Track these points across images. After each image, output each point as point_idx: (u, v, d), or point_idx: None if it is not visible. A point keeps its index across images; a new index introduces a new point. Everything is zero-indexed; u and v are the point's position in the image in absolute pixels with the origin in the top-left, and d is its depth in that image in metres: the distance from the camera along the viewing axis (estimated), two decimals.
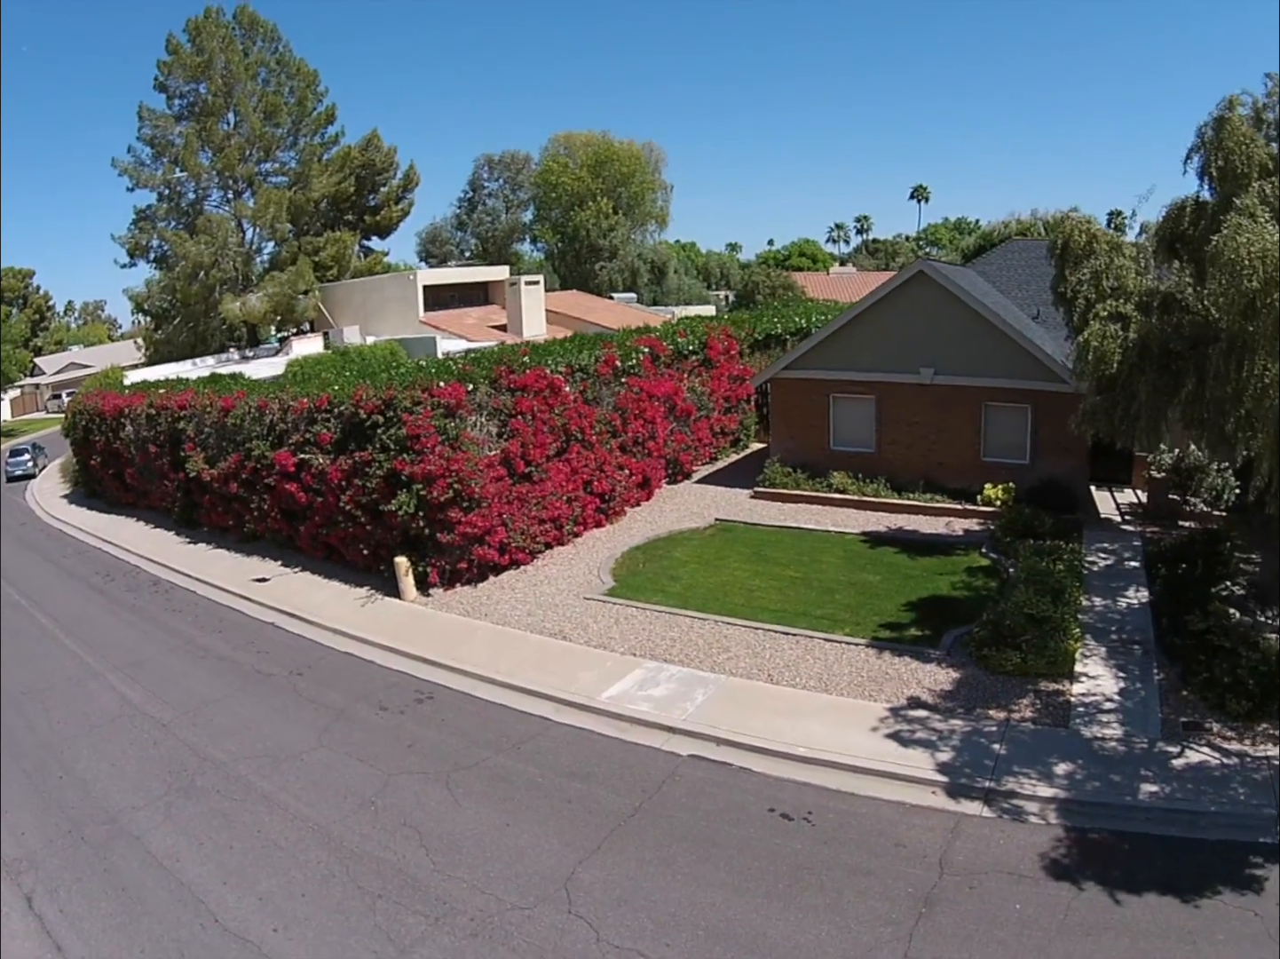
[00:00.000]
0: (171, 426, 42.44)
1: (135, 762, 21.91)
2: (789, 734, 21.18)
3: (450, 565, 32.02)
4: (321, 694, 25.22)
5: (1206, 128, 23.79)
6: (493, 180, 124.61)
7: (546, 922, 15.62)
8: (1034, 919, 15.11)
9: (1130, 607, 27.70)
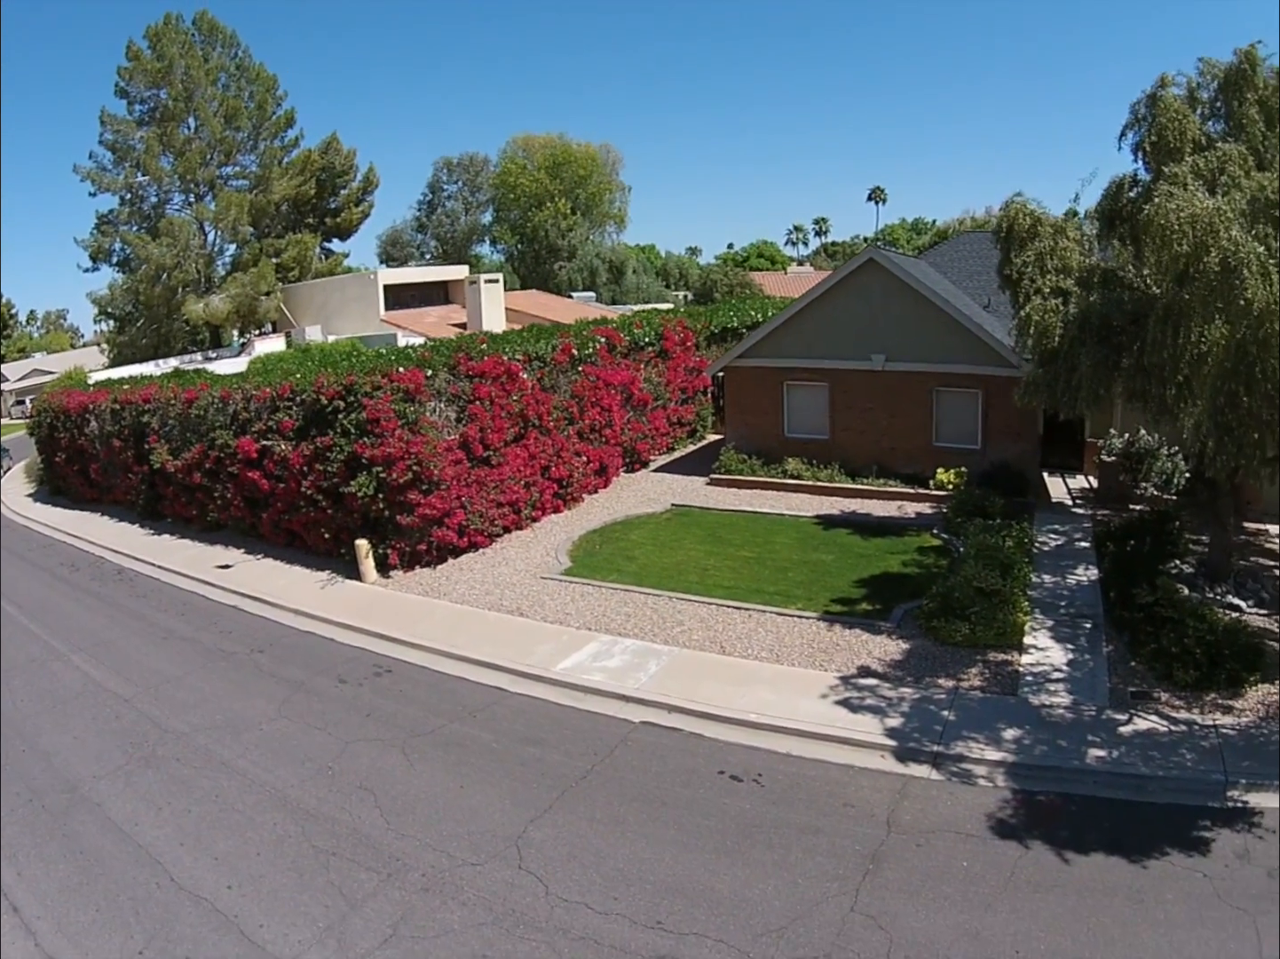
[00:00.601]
0: (136, 420, 42.27)
1: (97, 735, 21.86)
2: (740, 701, 21.27)
3: (410, 547, 32.06)
4: (281, 669, 25.21)
5: (1140, 105, 24.13)
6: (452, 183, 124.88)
7: (496, 877, 15.67)
8: (981, 876, 15.18)
9: (1080, 583, 27.86)
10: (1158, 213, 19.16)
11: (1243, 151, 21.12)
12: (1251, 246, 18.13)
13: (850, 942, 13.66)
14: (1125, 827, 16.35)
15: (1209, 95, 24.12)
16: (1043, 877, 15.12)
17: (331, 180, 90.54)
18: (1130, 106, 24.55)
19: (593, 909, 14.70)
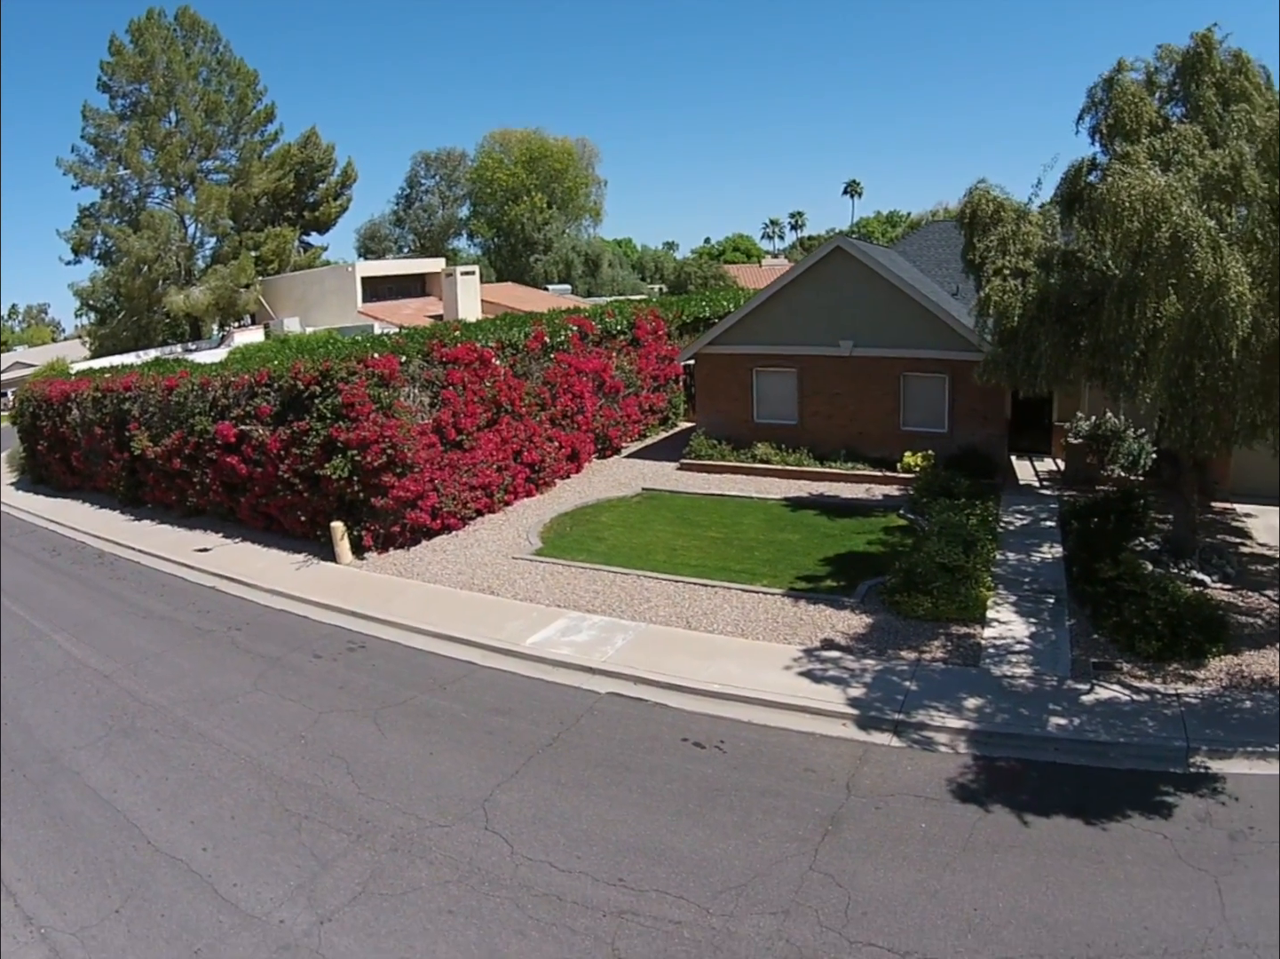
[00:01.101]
0: (117, 408, 42.36)
1: (78, 708, 22.04)
2: (704, 673, 21.52)
3: (384, 529, 32.28)
4: (258, 646, 25.44)
5: (1097, 89, 24.43)
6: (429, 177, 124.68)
7: (463, 838, 15.95)
8: (939, 837, 15.40)
9: (1044, 560, 28.14)
10: (1110, 191, 19.47)
11: (1197, 131, 21.36)
12: (1201, 221, 18.45)
13: (808, 898, 13.91)
14: (1086, 791, 16.53)
15: (1167, 79, 24.43)
16: (1002, 838, 15.33)
17: (310, 174, 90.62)
18: (1087, 91, 24.85)
19: (556, 867, 14.97)
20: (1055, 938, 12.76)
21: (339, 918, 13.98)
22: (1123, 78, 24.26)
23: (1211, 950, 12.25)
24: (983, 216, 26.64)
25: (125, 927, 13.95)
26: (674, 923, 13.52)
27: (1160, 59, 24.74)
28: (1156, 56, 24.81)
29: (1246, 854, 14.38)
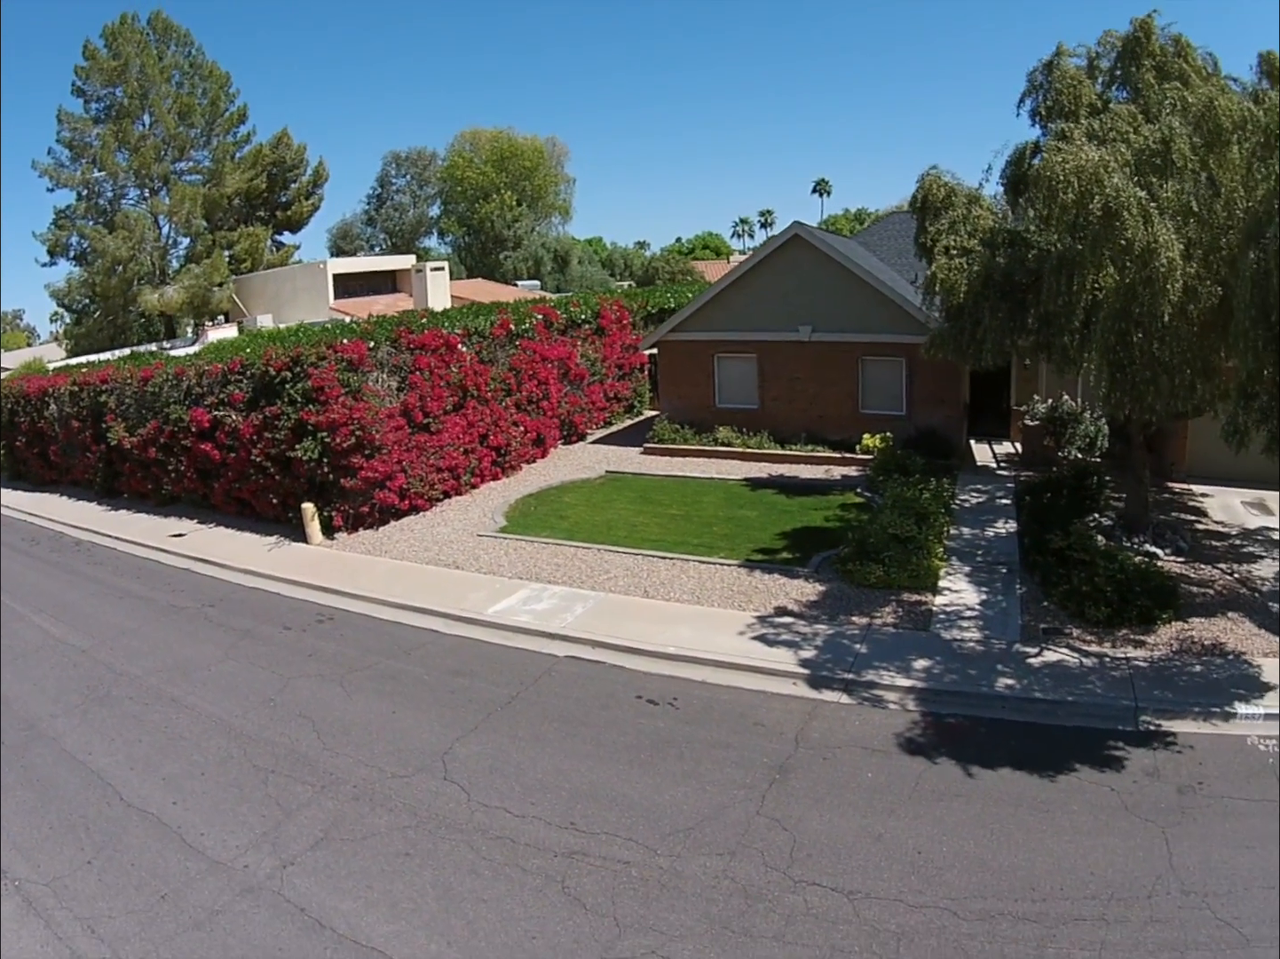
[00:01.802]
0: (94, 400, 42.40)
1: (56, 680, 22.25)
2: (659, 637, 21.85)
3: (354, 510, 32.55)
4: (230, 620, 25.69)
5: (1037, 73, 24.83)
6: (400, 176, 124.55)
7: (422, 787, 16.29)
8: (885, 786, 15.68)
9: (998, 535, 28.39)
10: (1046, 166, 19.81)
11: (1131, 110, 21.63)
12: (1132, 191, 18.76)
13: (755, 840, 14.24)
14: (1033, 746, 16.75)
15: (1109, 64, 24.81)
16: (947, 787, 15.60)
17: (282, 174, 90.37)
18: (1027, 75, 25.27)
19: (511, 813, 15.31)
20: (999, 881, 13.02)
21: (301, 862, 14.30)
22: (1062, 62, 24.67)
23: (1159, 897, 12.45)
24: (934, 201, 27.00)
25: (96, 876, 14.23)
26: (622, 863, 13.86)
27: (1102, 45, 25.15)
28: (1098, 43, 25.24)
29: (1195, 807, 14.53)
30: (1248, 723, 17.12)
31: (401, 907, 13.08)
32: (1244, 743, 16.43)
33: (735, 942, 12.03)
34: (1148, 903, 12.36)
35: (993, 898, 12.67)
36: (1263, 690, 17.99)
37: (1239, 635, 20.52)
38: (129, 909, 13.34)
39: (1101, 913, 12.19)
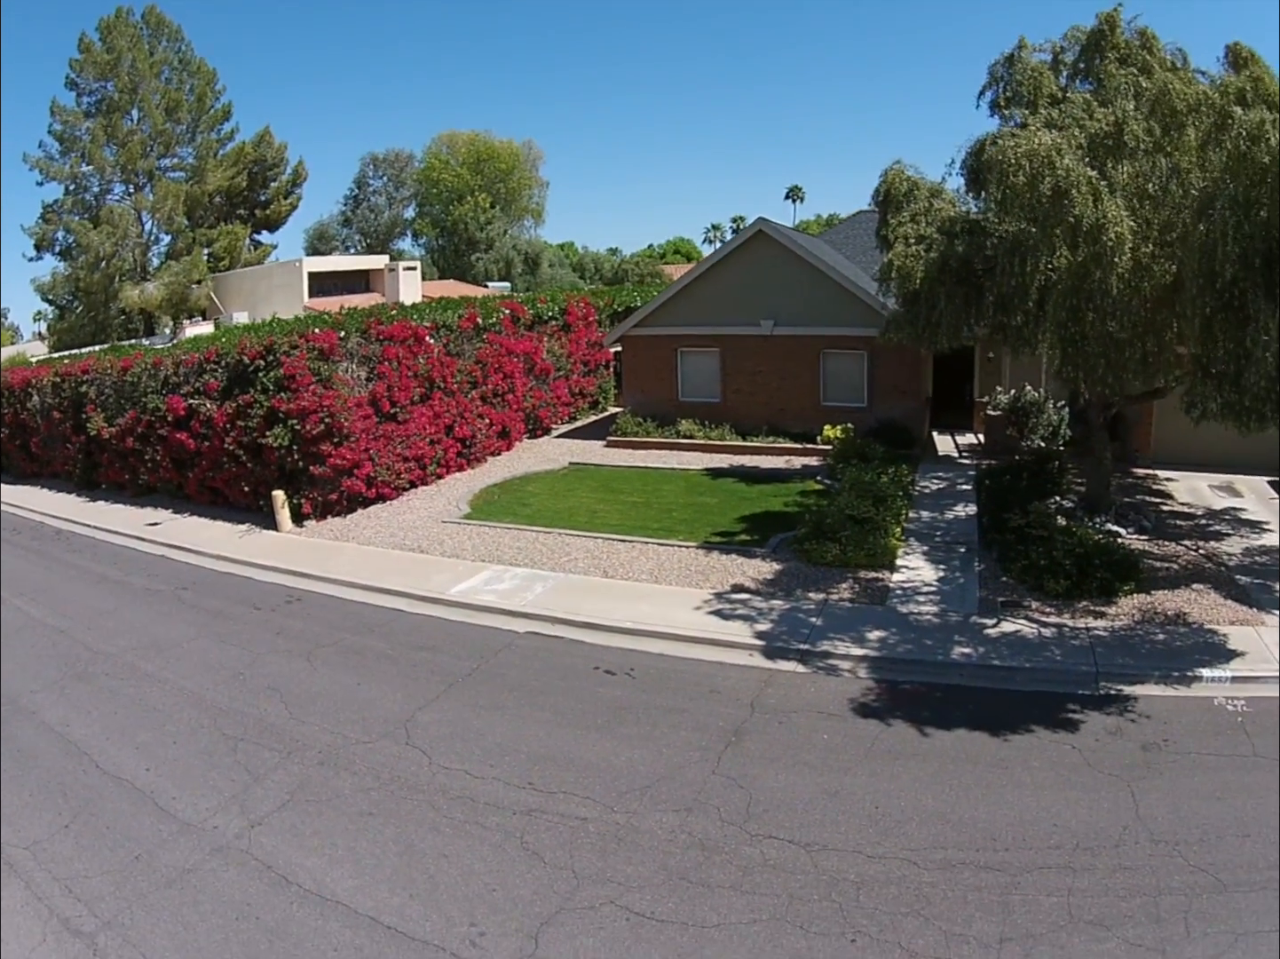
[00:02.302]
0: (75, 391, 42.35)
1: (35, 659, 22.32)
2: (618, 613, 22.05)
3: (322, 497, 32.70)
4: (202, 602, 25.83)
5: (998, 65, 25.06)
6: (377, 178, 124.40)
7: (385, 752, 16.50)
8: (841, 746, 15.90)
9: (957, 518, 28.69)
10: (999, 150, 20.19)
11: (1088, 98, 22.01)
12: (1081, 171, 19.09)
13: (710, 798, 14.46)
14: (990, 709, 16.91)
15: (1073, 58, 25.12)
16: (903, 747, 15.81)
17: (263, 173, 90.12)
18: (988, 68, 25.56)
19: (471, 774, 15.54)
20: (959, 833, 13.20)
21: (268, 822, 14.49)
22: (1023, 54, 25.04)
23: (1126, 846, 12.58)
24: (896, 195, 27.37)
25: (73, 839, 14.36)
26: (580, 819, 14.08)
27: (1067, 39, 25.48)
28: (1064, 37, 25.56)
29: (1161, 763, 14.65)
30: (1215, 685, 17.28)
31: (365, 862, 13.28)
32: (1210, 704, 16.64)
33: (693, 891, 12.23)
34: (1115, 851, 12.49)
35: (953, 849, 12.85)
36: (1229, 656, 18.17)
37: (1204, 606, 20.73)
38: (104, 869, 13.50)
39: (1067, 862, 12.34)
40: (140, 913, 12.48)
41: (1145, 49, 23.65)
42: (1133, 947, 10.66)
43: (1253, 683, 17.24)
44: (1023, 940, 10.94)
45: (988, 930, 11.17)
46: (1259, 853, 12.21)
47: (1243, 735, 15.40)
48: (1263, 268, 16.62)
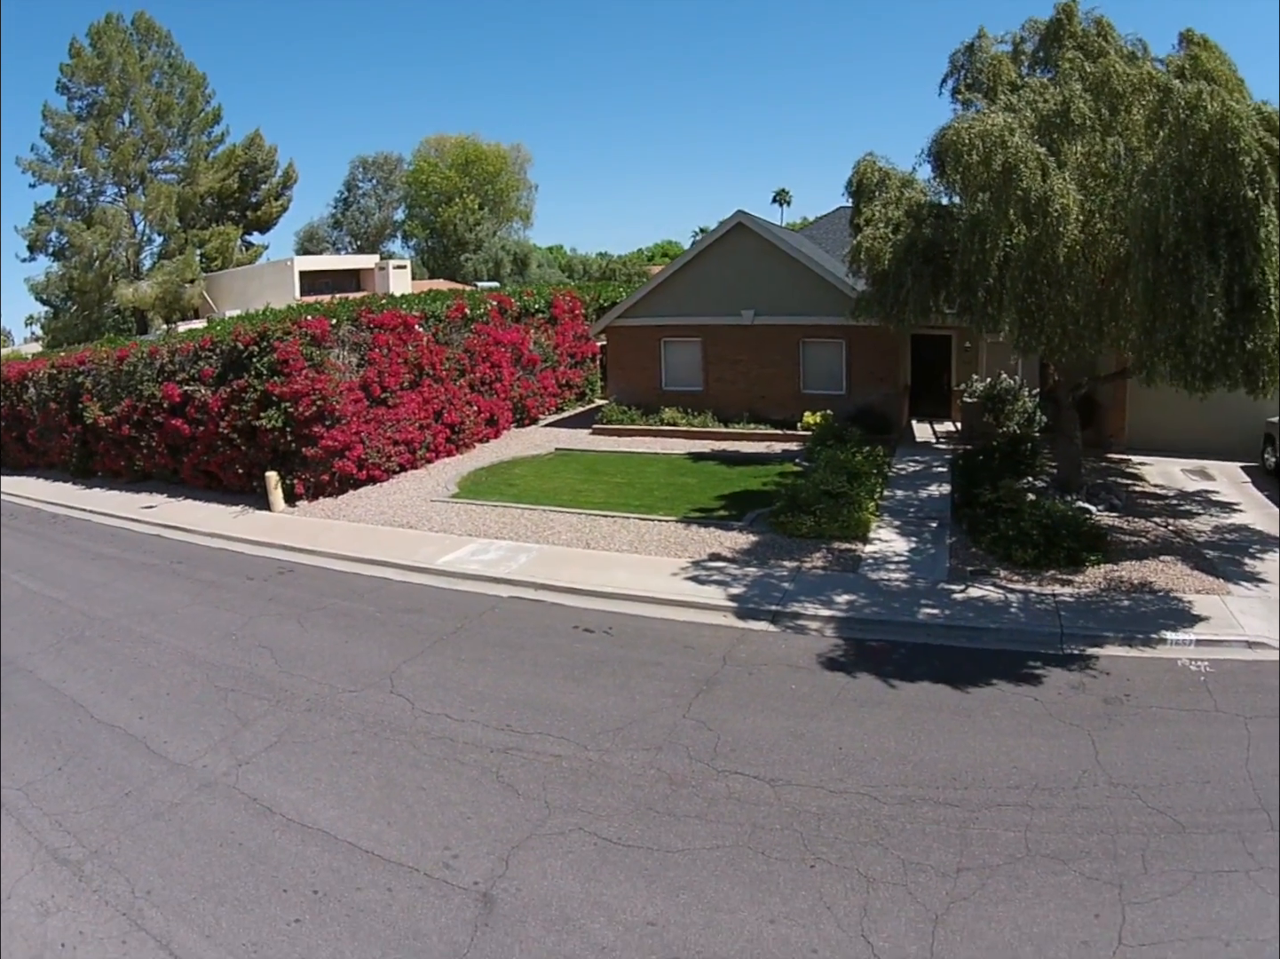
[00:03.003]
0: (71, 382, 42.72)
1: (33, 626, 22.68)
2: (598, 580, 22.52)
3: (314, 478, 33.15)
4: (197, 573, 26.23)
5: (959, 54, 25.50)
6: (367, 180, 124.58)
7: (370, 699, 16.95)
8: (808, 695, 16.31)
9: (931, 497, 29.03)
10: (954, 132, 20.80)
11: (1043, 82, 22.59)
12: (1030, 148, 19.68)
13: (680, 738, 14.89)
14: (955, 665, 17.27)
15: (1033, 47, 25.59)
16: (868, 696, 16.21)
17: (253, 175, 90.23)
18: (950, 57, 26.02)
19: (451, 718, 15.98)
20: (920, 772, 13.57)
21: (255, 761, 14.90)
22: (983, 43, 25.51)
23: (1085, 788, 12.88)
24: (869, 185, 27.69)
25: (66, 780, 14.75)
26: (554, 756, 14.52)
27: (1026, 29, 25.95)
28: (1023, 27, 26.03)
29: (1122, 715, 14.91)
30: (1178, 648, 17.51)
31: (346, 795, 13.70)
32: (1174, 664, 16.82)
33: (659, 820, 12.65)
34: (1074, 793, 12.79)
35: (914, 786, 13.21)
36: (1194, 621, 18.41)
37: (1170, 576, 20.99)
38: (94, 805, 13.88)
39: (1025, 800, 12.67)
40: (127, 842, 12.87)
41: (1101, 37, 24.13)
42: (1089, 880, 10.96)
43: (1217, 646, 17.48)
44: (979, 871, 11.27)
45: (945, 860, 11.52)
46: (1219, 798, 12.49)
47: (1205, 693, 15.68)
48: (1204, 230, 17.12)
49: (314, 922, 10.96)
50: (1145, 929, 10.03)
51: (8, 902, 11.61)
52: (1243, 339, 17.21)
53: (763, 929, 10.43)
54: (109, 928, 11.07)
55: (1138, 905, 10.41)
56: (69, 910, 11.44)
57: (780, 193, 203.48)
